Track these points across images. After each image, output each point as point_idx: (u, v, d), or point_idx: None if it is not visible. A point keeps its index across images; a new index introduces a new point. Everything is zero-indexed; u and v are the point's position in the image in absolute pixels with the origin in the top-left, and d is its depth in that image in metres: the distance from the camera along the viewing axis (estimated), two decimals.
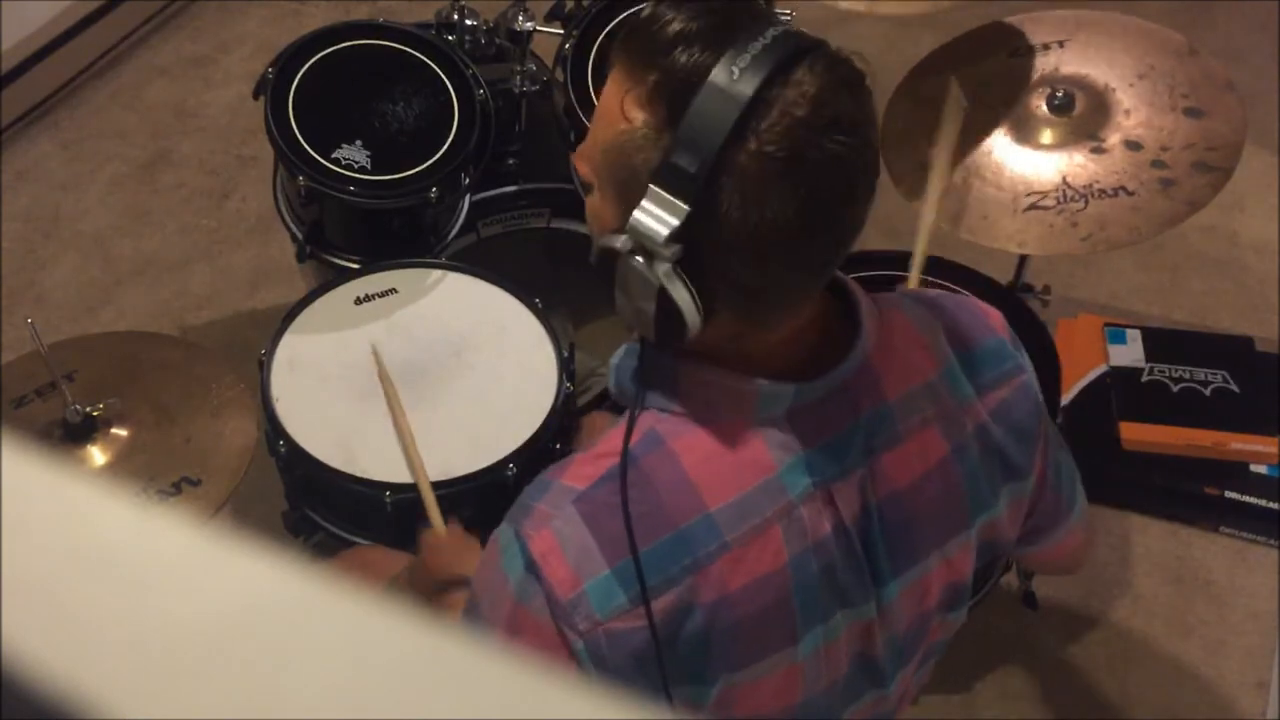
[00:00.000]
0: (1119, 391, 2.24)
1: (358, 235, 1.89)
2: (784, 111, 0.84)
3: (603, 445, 0.96)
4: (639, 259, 0.87)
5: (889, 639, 1.05)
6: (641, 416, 0.95)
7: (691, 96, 0.84)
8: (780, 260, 0.88)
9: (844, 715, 1.08)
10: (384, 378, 1.61)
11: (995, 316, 1.09)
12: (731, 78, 0.83)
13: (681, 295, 0.87)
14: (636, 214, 0.86)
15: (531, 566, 0.92)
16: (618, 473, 0.91)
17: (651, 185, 0.85)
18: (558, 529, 0.92)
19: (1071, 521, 1.19)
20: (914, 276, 1.68)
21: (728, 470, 0.94)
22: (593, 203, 0.95)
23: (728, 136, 0.83)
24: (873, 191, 0.91)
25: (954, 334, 1.04)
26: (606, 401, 1.88)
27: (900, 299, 1.06)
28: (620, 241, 0.87)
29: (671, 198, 0.84)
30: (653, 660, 0.93)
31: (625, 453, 0.92)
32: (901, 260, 1.79)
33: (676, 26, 0.86)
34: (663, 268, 0.86)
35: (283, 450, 1.55)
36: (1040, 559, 1.25)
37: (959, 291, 1.76)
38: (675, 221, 0.84)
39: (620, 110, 0.88)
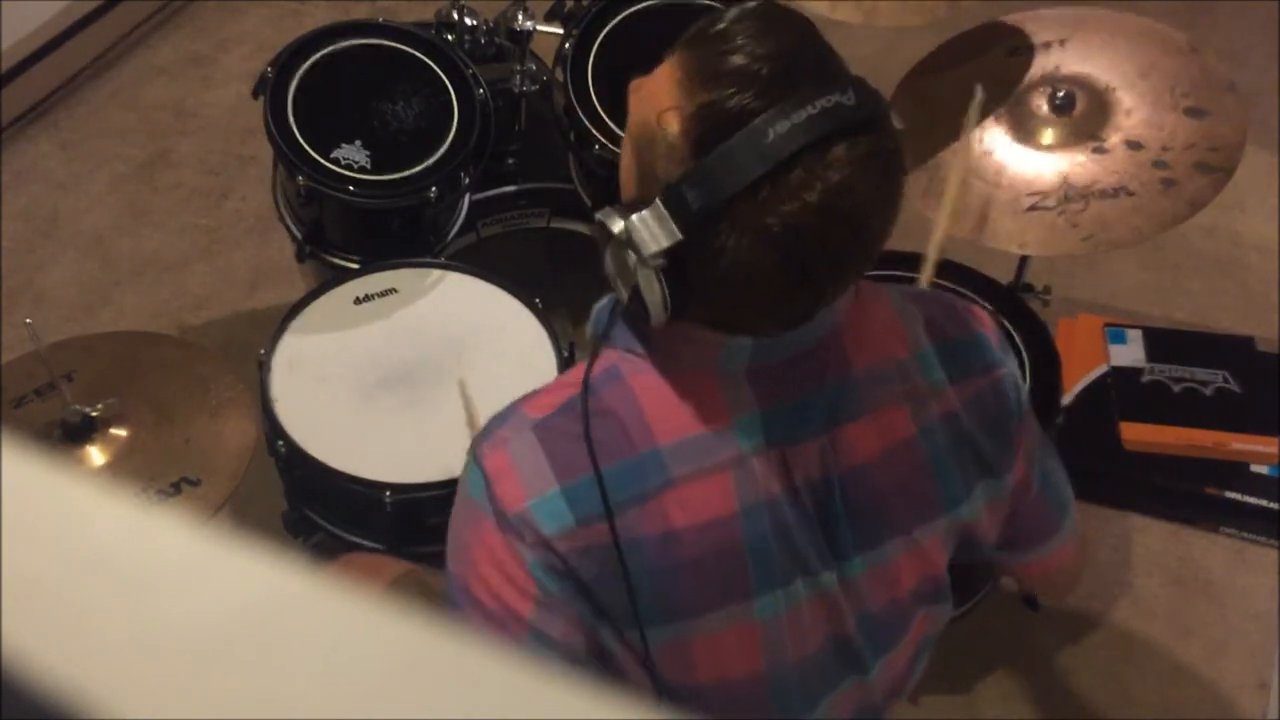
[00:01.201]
0: (1119, 392, 2.24)
1: (357, 235, 1.89)
2: (799, 193, 0.84)
3: (566, 376, 1.01)
4: (628, 250, 0.90)
5: (860, 620, 1.05)
6: (607, 353, 0.99)
7: (725, 138, 0.85)
8: (756, 306, 0.92)
9: (824, 701, 1.08)
10: None
11: (983, 317, 1.10)
12: (766, 138, 0.84)
13: (654, 296, 0.90)
14: (635, 219, 0.89)
15: (486, 483, 0.95)
16: (576, 403, 0.95)
17: (658, 199, 0.88)
18: (513, 449, 0.96)
19: (1064, 533, 1.19)
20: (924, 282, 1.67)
21: (682, 413, 0.97)
22: (625, 146, 0.98)
23: (739, 191, 0.84)
24: (869, 267, 0.93)
25: (934, 325, 1.06)
26: None
27: (886, 287, 1.07)
28: (618, 228, 0.90)
29: (671, 221, 0.87)
30: (604, 588, 0.94)
31: (586, 382, 0.96)
32: (901, 261, 1.78)
33: (740, 61, 0.86)
34: (644, 271, 0.89)
35: (282, 450, 1.55)
36: (1033, 571, 1.25)
37: (962, 293, 1.76)
38: (667, 243, 0.87)
39: (661, 110, 0.89)
